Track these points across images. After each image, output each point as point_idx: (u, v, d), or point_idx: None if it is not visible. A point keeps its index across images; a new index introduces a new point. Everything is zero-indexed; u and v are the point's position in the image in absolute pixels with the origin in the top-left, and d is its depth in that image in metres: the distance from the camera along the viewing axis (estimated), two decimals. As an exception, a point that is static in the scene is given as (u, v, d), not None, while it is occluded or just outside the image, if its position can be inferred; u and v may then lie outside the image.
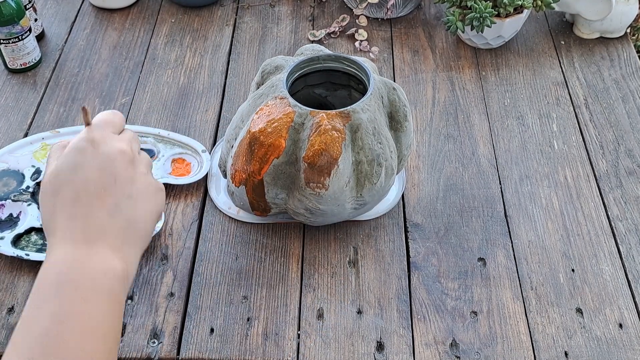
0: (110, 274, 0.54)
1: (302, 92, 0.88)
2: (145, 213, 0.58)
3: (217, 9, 1.25)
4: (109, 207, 0.55)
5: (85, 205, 0.55)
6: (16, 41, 1.07)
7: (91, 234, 0.54)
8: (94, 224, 0.54)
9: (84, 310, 0.51)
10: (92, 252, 0.53)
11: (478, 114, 1.05)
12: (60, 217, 0.55)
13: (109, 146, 0.57)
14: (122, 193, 0.56)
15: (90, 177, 0.55)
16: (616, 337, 0.79)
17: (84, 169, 0.56)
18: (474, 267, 0.86)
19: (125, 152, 0.58)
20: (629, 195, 0.94)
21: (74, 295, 0.51)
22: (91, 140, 0.57)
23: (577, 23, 1.19)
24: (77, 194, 0.55)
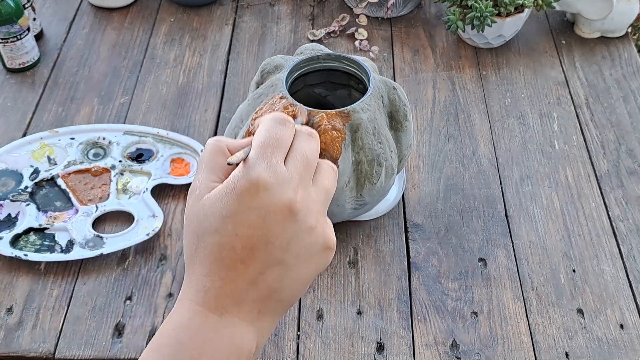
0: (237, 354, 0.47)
1: (301, 91, 0.88)
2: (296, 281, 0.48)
3: (217, 8, 1.24)
4: (252, 274, 0.46)
5: (226, 268, 0.46)
6: (15, 40, 1.06)
7: (226, 303, 0.46)
8: (231, 292, 0.46)
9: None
10: (221, 324, 0.46)
11: (478, 113, 1.05)
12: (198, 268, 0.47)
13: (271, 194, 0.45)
14: (272, 259, 0.46)
15: (240, 233, 0.46)
16: (617, 338, 0.79)
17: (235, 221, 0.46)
18: (474, 267, 0.85)
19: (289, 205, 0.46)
20: (630, 195, 0.94)
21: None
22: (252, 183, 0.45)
23: (578, 22, 1.19)
24: (221, 249, 0.46)
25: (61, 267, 0.85)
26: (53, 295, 0.82)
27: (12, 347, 0.78)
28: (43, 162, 0.95)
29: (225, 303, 0.46)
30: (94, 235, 0.86)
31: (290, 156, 0.48)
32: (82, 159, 0.95)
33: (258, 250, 0.46)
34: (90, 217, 0.88)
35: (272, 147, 0.47)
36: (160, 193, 0.92)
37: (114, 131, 0.99)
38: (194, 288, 0.47)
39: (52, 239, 0.87)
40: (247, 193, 0.45)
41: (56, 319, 0.80)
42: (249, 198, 0.45)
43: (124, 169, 0.94)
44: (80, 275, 0.84)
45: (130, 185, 0.92)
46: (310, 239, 0.47)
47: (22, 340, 0.78)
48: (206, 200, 0.47)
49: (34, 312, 0.81)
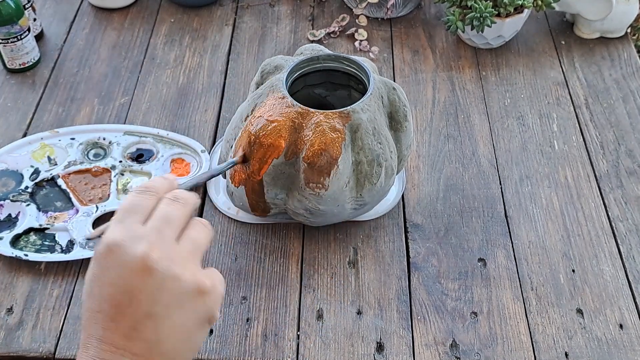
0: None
1: (301, 92, 0.88)
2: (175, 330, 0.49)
3: (217, 9, 1.24)
4: (123, 331, 0.48)
5: (100, 327, 0.48)
6: (15, 41, 1.06)
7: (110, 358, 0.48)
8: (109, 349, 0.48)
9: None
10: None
11: (478, 114, 1.05)
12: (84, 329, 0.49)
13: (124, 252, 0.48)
14: (140, 312, 0.48)
15: (104, 294, 0.48)
16: (617, 338, 0.79)
17: (98, 283, 0.48)
18: (474, 267, 0.86)
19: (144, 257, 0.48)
20: (629, 195, 0.94)
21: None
22: (107, 245, 0.48)
23: (578, 23, 1.19)
24: (93, 312, 0.48)
25: (61, 267, 0.85)
26: (53, 295, 0.82)
27: (12, 347, 0.78)
28: (43, 162, 0.95)
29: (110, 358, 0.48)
30: (94, 235, 0.87)
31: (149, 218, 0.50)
32: (83, 159, 0.95)
33: (124, 306, 0.48)
34: (91, 217, 0.88)
35: (128, 212, 0.50)
36: (160, 193, 0.92)
37: (114, 131, 0.99)
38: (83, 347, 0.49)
39: (52, 239, 0.87)
40: (104, 255, 0.48)
41: (56, 319, 0.80)
42: (105, 259, 0.48)
43: (124, 169, 0.94)
44: (80, 275, 0.84)
45: (131, 185, 0.93)
46: (177, 287, 0.48)
47: (23, 340, 0.78)
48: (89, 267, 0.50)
49: (34, 312, 0.81)
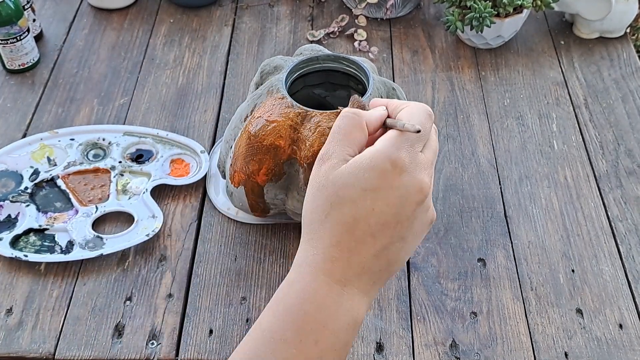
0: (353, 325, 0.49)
1: (301, 92, 0.88)
2: (408, 253, 0.51)
3: (216, 9, 1.24)
4: (378, 248, 0.49)
5: (356, 240, 0.48)
6: (14, 41, 1.06)
7: (350, 274, 0.49)
8: (356, 265, 0.49)
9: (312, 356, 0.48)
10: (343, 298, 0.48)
11: (477, 114, 1.05)
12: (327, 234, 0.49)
13: (410, 177, 0.49)
14: (398, 236, 0.49)
15: (378, 209, 0.48)
16: (616, 338, 0.79)
17: (374, 198, 0.48)
18: (473, 267, 0.86)
19: (423, 189, 0.49)
20: (629, 195, 0.94)
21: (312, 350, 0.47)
22: (396, 164, 0.48)
23: (577, 23, 1.19)
24: (356, 223, 0.48)
25: (61, 268, 0.85)
26: (53, 295, 0.82)
27: (12, 348, 0.78)
28: (43, 163, 0.95)
29: (349, 275, 0.48)
30: (94, 235, 0.87)
31: (427, 145, 0.52)
32: (82, 159, 0.95)
33: (389, 228, 0.49)
34: (90, 217, 0.88)
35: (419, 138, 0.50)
36: (160, 194, 0.92)
37: (114, 132, 0.99)
38: (320, 256, 0.48)
39: (52, 239, 0.87)
40: (390, 172, 0.48)
41: (56, 320, 0.80)
42: (391, 177, 0.48)
43: (124, 169, 0.94)
44: (80, 275, 0.84)
45: (130, 186, 0.93)
46: (426, 217, 0.51)
47: (22, 340, 0.78)
48: (344, 170, 0.49)
49: (34, 313, 0.81)
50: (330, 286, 0.48)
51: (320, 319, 0.48)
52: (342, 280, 0.49)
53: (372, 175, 0.48)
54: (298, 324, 0.48)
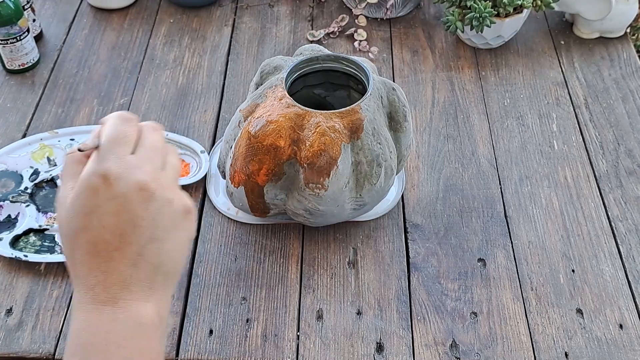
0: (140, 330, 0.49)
1: (301, 92, 0.88)
2: (173, 249, 0.51)
3: (216, 9, 1.24)
4: (130, 258, 0.49)
5: (104, 259, 0.48)
6: (14, 42, 1.06)
7: (113, 289, 0.48)
8: (116, 279, 0.48)
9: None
10: (116, 312, 0.48)
11: (478, 114, 1.05)
12: (80, 269, 0.49)
13: (124, 182, 0.48)
14: (144, 238, 0.49)
15: (106, 224, 0.48)
16: (616, 338, 0.79)
17: (98, 214, 0.48)
18: (473, 267, 0.86)
19: (144, 186, 0.49)
20: (629, 195, 0.94)
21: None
22: (103, 176, 0.48)
23: (577, 23, 1.19)
24: (94, 244, 0.48)
25: (61, 268, 0.85)
26: (53, 296, 0.82)
27: (12, 348, 0.78)
28: (43, 163, 0.95)
29: (114, 292, 0.48)
30: (93, 236, 0.86)
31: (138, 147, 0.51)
32: (82, 160, 0.95)
33: (128, 235, 0.48)
34: (90, 218, 0.88)
35: (118, 142, 0.50)
36: (160, 194, 0.92)
37: (114, 132, 0.99)
38: (82, 290, 0.49)
39: (52, 239, 0.87)
40: (102, 185, 0.48)
41: (56, 320, 0.80)
42: (105, 189, 0.48)
43: (124, 169, 0.94)
44: (80, 276, 0.84)
45: (130, 186, 0.92)
46: (171, 210, 0.50)
47: (22, 341, 0.78)
48: (67, 206, 0.49)
49: (34, 313, 0.81)
50: (99, 311, 0.48)
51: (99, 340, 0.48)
52: (109, 300, 0.48)
53: (87, 196, 0.48)
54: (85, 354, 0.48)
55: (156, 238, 0.50)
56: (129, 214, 0.49)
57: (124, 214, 0.49)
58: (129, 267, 0.49)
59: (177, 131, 1.01)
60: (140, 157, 0.51)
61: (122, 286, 0.49)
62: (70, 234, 0.49)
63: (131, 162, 0.50)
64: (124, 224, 0.49)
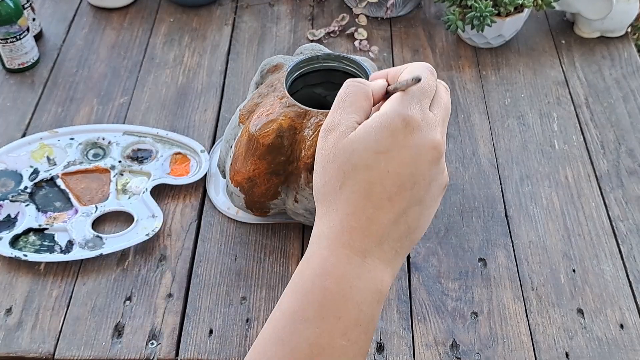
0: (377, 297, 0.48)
1: (301, 91, 0.88)
2: (428, 218, 0.50)
3: (216, 9, 1.24)
4: (396, 212, 0.47)
5: (373, 206, 0.47)
6: (14, 41, 1.06)
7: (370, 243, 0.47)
8: (375, 232, 0.47)
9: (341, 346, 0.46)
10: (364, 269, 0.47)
11: (478, 113, 1.05)
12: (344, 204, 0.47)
13: (423, 135, 0.47)
14: (416, 198, 0.48)
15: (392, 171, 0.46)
16: (617, 338, 0.79)
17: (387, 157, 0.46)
18: (474, 267, 0.85)
19: (437, 147, 0.48)
20: (630, 195, 0.94)
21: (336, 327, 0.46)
22: (406, 121, 0.46)
23: (578, 22, 1.19)
24: (371, 187, 0.46)
25: (61, 268, 0.85)
26: (53, 295, 0.82)
27: (11, 348, 0.77)
28: (42, 162, 0.95)
29: (369, 244, 0.46)
30: (93, 235, 0.86)
31: (435, 103, 0.50)
32: (82, 159, 0.95)
33: (405, 189, 0.47)
34: (90, 217, 0.88)
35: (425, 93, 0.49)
36: (159, 193, 0.92)
37: (114, 131, 0.99)
38: (337, 228, 0.47)
39: (51, 239, 0.87)
40: (401, 131, 0.46)
41: (56, 320, 0.80)
42: (403, 136, 0.46)
43: (124, 169, 0.94)
44: (79, 275, 0.84)
45: (130, 185, 0.92)
46: (442, 179, 0.50)
47: (22, 340, 0.78)
48: (354, 137, 0.47)
49: (33, 313, 0.80)
50: (349, 258, 0.46)
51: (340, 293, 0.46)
52: (361, 250, 0.47)
53: (384, 136, 0.46)
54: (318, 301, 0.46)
55: (424, 202, 0.48)
56: (415, 168, 0.47)
57: (411, 166, 0.47)
58: (391, 222, 0.47)
59: (177, 130, 1.01)
60: (437, 117, 0.49)
61: (378, 240, 0.47)
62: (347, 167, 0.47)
63: (431, 119, 0.49)
64: (407, 177, 0.47)
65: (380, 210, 0.47)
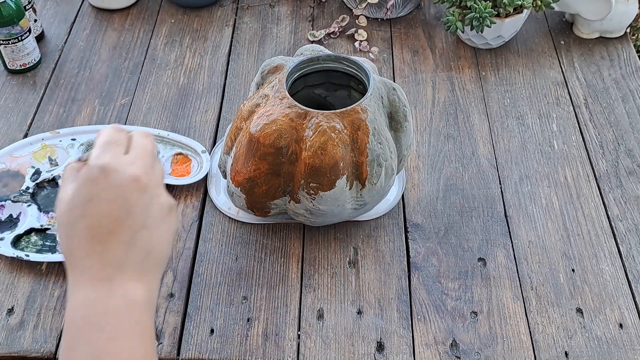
0: (134, 306, 0.54)
1: (302, 92, 0.88)
2: (162, 238, 0.57)
3: (217, 10, 1.25)
4: (124, 241, 0.54)
5: (100, 242, 0.54)
6: (16, 42, 1.07)
7: (109, 270, 0.53)
8: (110, 260, 0.54)
9: (114, 349, 0.52)
10: (112, 289, 0.53)
11: (478, 114, 1.05)
12: (77, 253, 0.54)
13: (120, 174, 0.55)
14: (137, 224, 0.55)
15: (103, 210, 0.54)
16: (616, 337, 0.79)
17: (96, 202, 0.54)
18: (474, 267, 0.86)
19: (137, 178, 0.55)
20: (629, 195, 0.94)
21: (101, 337, 0.52)
22: (102, 168, 0.55)
23: (577, 23, 1.19)
24: (92, 229, 0.54)
25: (62, 268, 0.85)
26: (54, 295, 0.83)
27: (13, 348, 0.78)
28: (44, 162, 0.95)
29: (109, 272, 0.53)
30: (95, 235, 0.87)
31: (130, 149, 0.58)
32: (83, 159, 0.96)
33: (123, 220, 0.54)
34: (92, 217, 0.88)
35: (109, 144, 0.57)
36: (161, 194, 0.93)
37: (115, 132, 0.99)
38: (78, 273, 0.55)
39: (53, 239, 0.87)
40: (101, 176, 0.55)
41: (57, 319, 0.80)
42: (103, 180, 0.54)
43: (125, 169, 0.94)
44: (81, 275, 0.84)
45: (131, 185, 0.93)
46: (159, 203, 0.57)
47: (24, 340, 0.78)
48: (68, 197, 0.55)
49: (35, 313, 0.81)
50: (95, 287, 0.53)
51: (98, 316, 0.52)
52: (103, 277, 0.53)
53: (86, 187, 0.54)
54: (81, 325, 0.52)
55: (147, 226, 0.55)
56: (124, 201, 0.54)
57: (119, 201, 0.54)
58: (123, 250, 0.54)
59: (178, 131, 1.02)
60: (132, 156, 0.57)
61: (116, 267, 0.54)
62: (70, 223, 0.54)
63: (125, 159, 0.57)
64: (119, 210, 0.54)
65: (107, 244, 0.54)
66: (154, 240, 0.56)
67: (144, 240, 0.55)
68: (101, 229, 0.54)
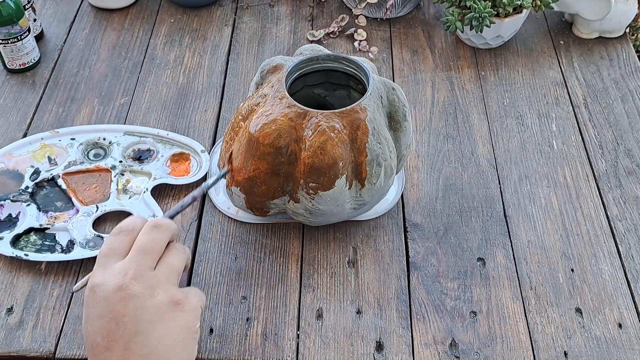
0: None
1: (301, 92, 0.88)
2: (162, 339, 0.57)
3: (216, 9, 1.25)
4: (119, 354, 0.55)
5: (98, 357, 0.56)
6: (15, 41, 1.07)
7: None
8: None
9: None
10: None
11: (477, 113, 1.05)
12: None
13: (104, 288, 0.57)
14: (129, 333, 0.56)
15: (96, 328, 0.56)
16: (615, 337, 0.79)
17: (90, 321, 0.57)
18: (473, 267, 0.86)
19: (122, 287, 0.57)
20: (628, 195, 0.94)
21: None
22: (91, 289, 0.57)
23: (576, 23, 1.19)
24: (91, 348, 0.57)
25: (62, 267, 0.85)
26: (54, 295, 0.83)
27: (12, 347, 0.78)
28: (44, 162, 0.95)
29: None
30: (94, 235, 0.87)
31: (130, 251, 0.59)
32: (83, 159, 0.96)
33: (113, 332, 0.55)
34: (91, 217, 0.89)
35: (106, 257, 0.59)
36: (160, 193, 0.93)
37: (114, 132, 0.99)
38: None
39: (52, 239, 0.87)
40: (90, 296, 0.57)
41: (57, 319, 0.80)
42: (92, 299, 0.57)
43: (125, 169, 0.94)
44: (81, 275, 0.85)
45: (131, 185, 0.93)
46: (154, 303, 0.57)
47: (23, 340, 0.78)
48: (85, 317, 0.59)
49: (34, 312, 0.81)
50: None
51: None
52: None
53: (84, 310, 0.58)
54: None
55: (141, 331, 0.56)
56: (111, 314, 0.56)
57: (107, 315, 0.56)
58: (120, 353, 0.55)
59: (178, 131, 1.02)
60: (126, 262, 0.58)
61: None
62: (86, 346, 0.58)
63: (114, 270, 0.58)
64: (108, 323, 0.56)
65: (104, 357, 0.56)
66: (151, 344, 0.56)
67: (139, 346, 0.56)
68: (97, 347, 0.56)
